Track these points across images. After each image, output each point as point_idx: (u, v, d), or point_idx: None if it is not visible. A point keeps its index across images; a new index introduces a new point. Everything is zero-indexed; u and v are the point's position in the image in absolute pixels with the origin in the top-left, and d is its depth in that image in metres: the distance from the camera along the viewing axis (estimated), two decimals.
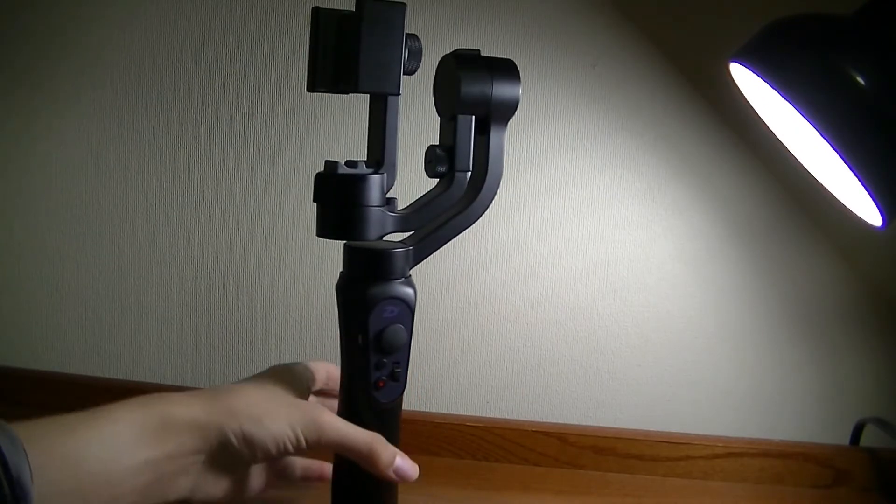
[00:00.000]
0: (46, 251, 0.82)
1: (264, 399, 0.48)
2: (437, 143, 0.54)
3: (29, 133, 0.80)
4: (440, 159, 0.53)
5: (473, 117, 0.52)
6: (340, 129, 0.78)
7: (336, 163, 0.49)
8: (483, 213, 0.54)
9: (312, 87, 0.50)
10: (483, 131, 0.53)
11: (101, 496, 0.41)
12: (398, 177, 0.52)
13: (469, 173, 0.53)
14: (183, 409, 0.45)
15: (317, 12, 0.49)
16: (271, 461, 0.51)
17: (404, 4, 0.48)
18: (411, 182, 0.55)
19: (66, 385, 0.80)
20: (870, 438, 0.76)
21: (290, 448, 0.47)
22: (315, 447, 0.48)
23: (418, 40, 0.50)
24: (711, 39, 0.69)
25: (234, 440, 0.45)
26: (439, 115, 0.55)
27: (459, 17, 0.76)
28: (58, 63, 0.79)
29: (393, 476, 0.50)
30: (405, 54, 0.49)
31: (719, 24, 0.68)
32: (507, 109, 0.52)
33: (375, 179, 0.49)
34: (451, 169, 0.53)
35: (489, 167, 0.53)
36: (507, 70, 0.52)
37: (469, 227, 0.53)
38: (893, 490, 0.74)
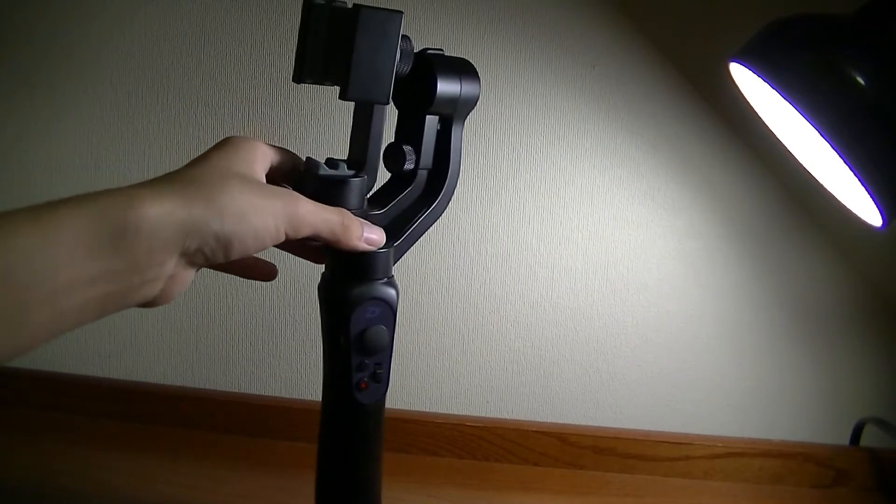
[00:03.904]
0: None
1: (247, 190, 0.40)
2: (397, 140, 0.54)
3: (29, 133, 0.80)
4: (408, 157, 0.52)
5: (437, 116, 0.53)
6: (340, 128, 0.78)
7: (318, 163, 0.48)
8: (447, 206, 0.54)
9: (299, 78, 0.49)
10: (445, 128, 0.53)
11: (41, 314, 0.33)
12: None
13: (427, 170, 0.54)
14: (155, 207, 0.36)
15: (309, 5, 0.47)
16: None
17: (400, 13, 0.47)
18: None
19: (66, 385, 0.80)
20: (870, 438, 0.76)
21: (269, 243, 0.41)
22: (291, 238, 0.43)
23: (410, 41, 0.49)
24: (711, 39, 0.69)
25: (213, 240, 0.38)
26: (400, 110, 0.54)
27: (459, 18, 0.76)
28: (58, 63, 0.79)
29: (364, 245, 0.47)
30: (397, 58, 0.48)
31: (719, 24, 0.68)
32: (470, 107, 0.53)
33: (356, 184, 0.48)
34: (416, 167, 0.53)
35: (451, 162, 0.53)
36: (470, 70, 0.53)
37: (437, 221, 0.54)
38: (893, 490, 0.74)
